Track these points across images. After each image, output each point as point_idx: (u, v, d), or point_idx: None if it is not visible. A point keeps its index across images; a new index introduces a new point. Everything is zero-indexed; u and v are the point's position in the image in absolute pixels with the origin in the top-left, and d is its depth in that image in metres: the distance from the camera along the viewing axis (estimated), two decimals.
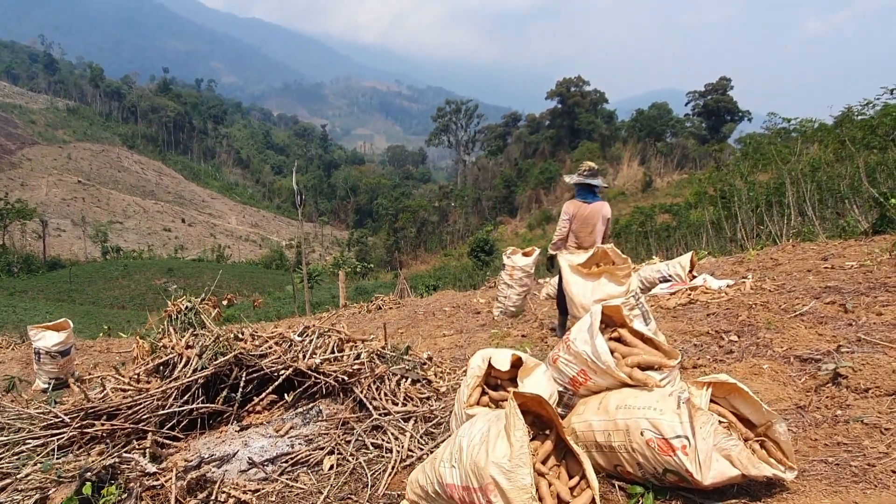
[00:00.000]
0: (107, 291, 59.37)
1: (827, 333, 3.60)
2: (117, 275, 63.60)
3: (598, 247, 2.77)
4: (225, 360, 3.97)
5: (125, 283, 61.91)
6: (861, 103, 11.97)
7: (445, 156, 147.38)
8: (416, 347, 5.45)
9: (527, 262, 6.57)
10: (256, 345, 4.24)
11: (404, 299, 15.07)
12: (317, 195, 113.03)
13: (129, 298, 56.22)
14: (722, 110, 75.40)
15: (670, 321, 4.81)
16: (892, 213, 10.23)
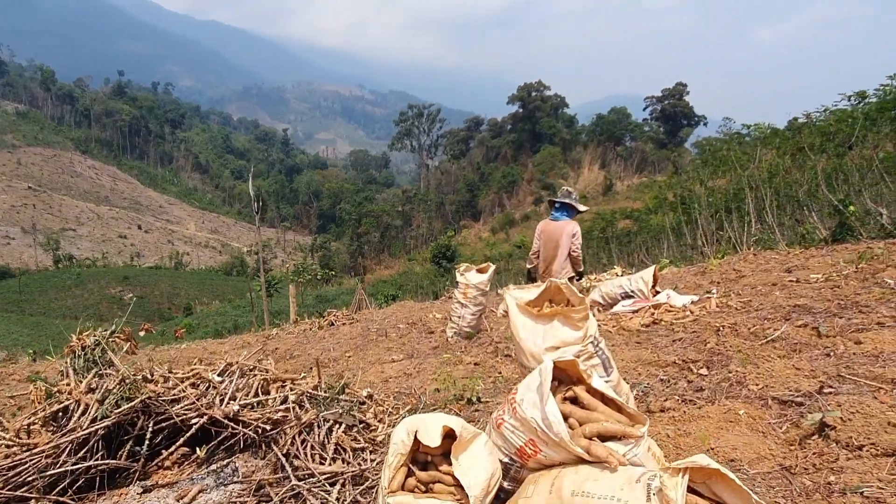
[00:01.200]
0: (59, 301, 57.27)
1: (804, 367, 3.25)
2: (70, 284, 61.41)
3: (550, 281, 2.32)
4: (129, 407, 3.42)
5: (78, 292, 59.84)
6: (819, 110, 11.98)
7: (409, 160, 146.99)
8: (359, 379, 4.96)
9: (481, 280, 6.15)
10: (169, 387, 3.69)
11: (362, 311, 14.53)
12: (279, 200, 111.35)
13: (82, 308, 54.34)
14: (679, 115, 76.88)
15: (633, 348, 4.43)
16: (851, 221, 10.15)
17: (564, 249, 6.47)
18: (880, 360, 3.26)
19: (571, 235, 6.43)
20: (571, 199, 6.70)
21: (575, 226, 6.52)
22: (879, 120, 10.91)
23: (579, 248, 6.44)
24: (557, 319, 2.33)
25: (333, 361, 6.17)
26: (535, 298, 2.52)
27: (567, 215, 6.64)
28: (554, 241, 6.58)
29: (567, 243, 6.44)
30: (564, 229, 6.52)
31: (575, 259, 6.46)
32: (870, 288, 5.25)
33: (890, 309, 4.32)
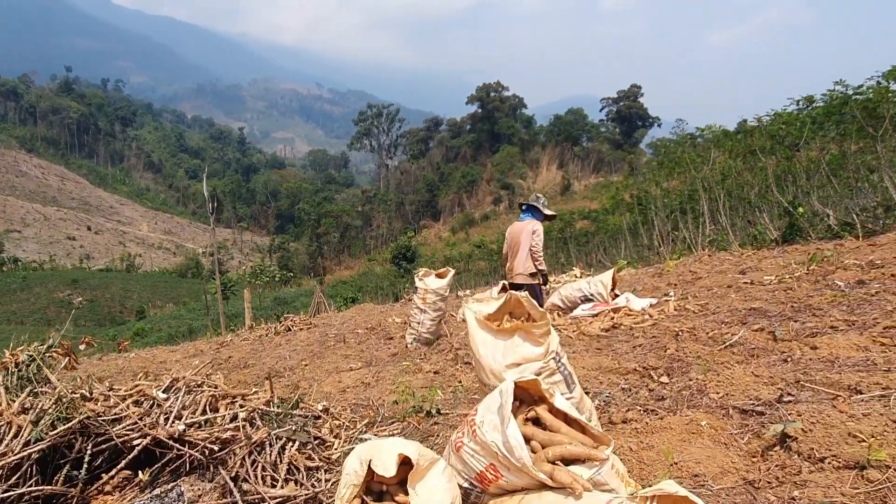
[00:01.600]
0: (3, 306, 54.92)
1: (763, 374, 3.25)
2: (15, 287, 58.94)
3: (510, 293, 2.23)
4: (66, 429, 3.20)
5: (24, 296, 57.51)
6: (769, 113, 12.29)
7: (368, 160, 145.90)
8: (315, 390, 4.81)
9: (440, 285, 6.05)
10: (110, 405, 3.48)
11: (320, 315, 14.28)
12: (235, 200, 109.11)
13: (28, 313, 52.39)
14: (634, 116, 78.32)
15: (594, 355, 4.39)
16: (800, 223, 10.43)
17: (525, 246, 6.50)
18: (836, 365, 3.29)
19: (532, 233, 6.46)
20: (538, 203, 6.75)
21: (537, 224, 6.56)
22: (826, 124, 11.24)
23: (538, 244, 6.45)
24: (518, 335, 2.24)
25: (289, 371, 5.98)
26: (495, 312, 2.43)
27: (532, 216, 6.68)
28: (516, 239, 6.66)
29: (527, 240, 6.47)
30: (525, 228, 6.58)
31: (533, 254, 6.45)
32: (821, 290, 5.34)
33: (842, 312, 4.39)
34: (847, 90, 10.05)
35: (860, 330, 3.87)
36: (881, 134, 9.52)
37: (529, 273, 6.52)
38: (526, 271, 6.51)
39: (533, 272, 6.54)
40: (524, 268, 6.52)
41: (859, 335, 3.73)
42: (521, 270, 6.53)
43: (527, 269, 6.52)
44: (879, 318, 4.03)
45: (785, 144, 12.14)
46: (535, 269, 6.56)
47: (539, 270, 6.55)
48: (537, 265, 6.50)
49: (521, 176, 74.74)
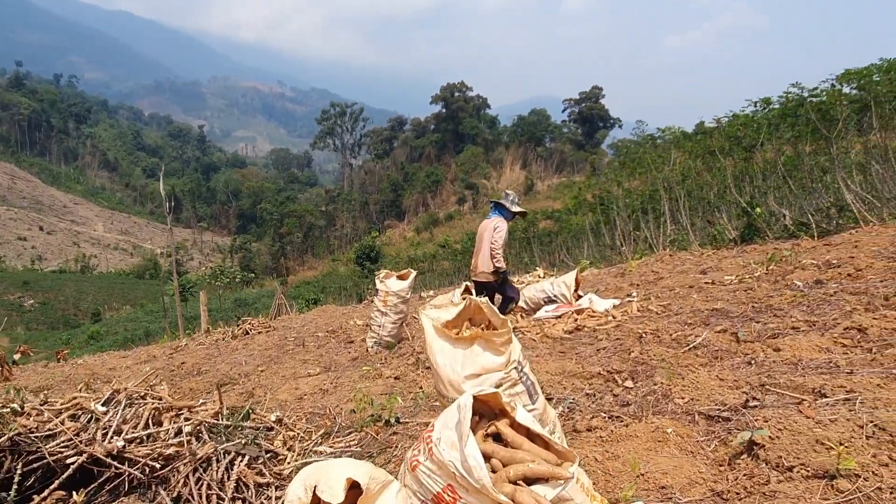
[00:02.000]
0: None
1: (728, 377, 3.20)
2: None
3: (469, 299, 2.09)
4: None
5: None
6: (727, 115, 12.48)
7: (332, 159, 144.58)
8: (270, 398, 4.61)
9: (402, 287, 5.90)
10: (43, 420, 3.23)
11: (281, 317, 13.97)
12: (195, 200, 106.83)
13: None
14: (595, 117, 79.30)
15: (557, 358, 4.31)
16: (758, 223, 10.59)
17: (487, 244, 6.38)
18: (799, 368, 3.26)
19: (493, 229, 6.34)
20: (507, 201, 6.61)
21: (500, 221, 6.43)
22: (781, 125, 11.45)
23: (497, 241, 6.28)
24: (478, 343, 2.12)
25: (244, 377, 5.75)
26: (454, 318, 2.30)
27: (500, 214, 6.58)
28: (480, 236, 6.55)
29: (489, 238, 6.34)
30: (489, 225, 6.47)
31: (490, 251, 6.31)
32: (781, 290, 5.37)
33: (802, 312, 4.40)
34: (803, 92, 10.24)
35: (821, 331, 3.87)
36: (835, 135, 9.72)
37: (491, 272, 6.40)
38: (488, 269, 6.39)
39: (493, 270, 6.41)
40: (486, 266, 6.40)
41: (820, 336, 3.72)
42: (483, 269, 6.42)
43: (489, 267, 6.40)
44: (839, 319, 4.04)
45: (742, 146, 12.34)
46: (487, 271, 6.43)
47: (496, 268, 6.39)
48: (494, 262, 6.35)
49: (485, 176, 74.95)
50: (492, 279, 6.39)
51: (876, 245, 6.60)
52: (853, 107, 9.67)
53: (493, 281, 6.39)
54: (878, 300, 4.32)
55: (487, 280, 6.38)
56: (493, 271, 6.39)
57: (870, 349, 3.42)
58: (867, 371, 3.04)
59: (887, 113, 9.65)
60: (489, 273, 6.39)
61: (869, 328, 3.66)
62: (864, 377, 2.89)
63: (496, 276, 6.40)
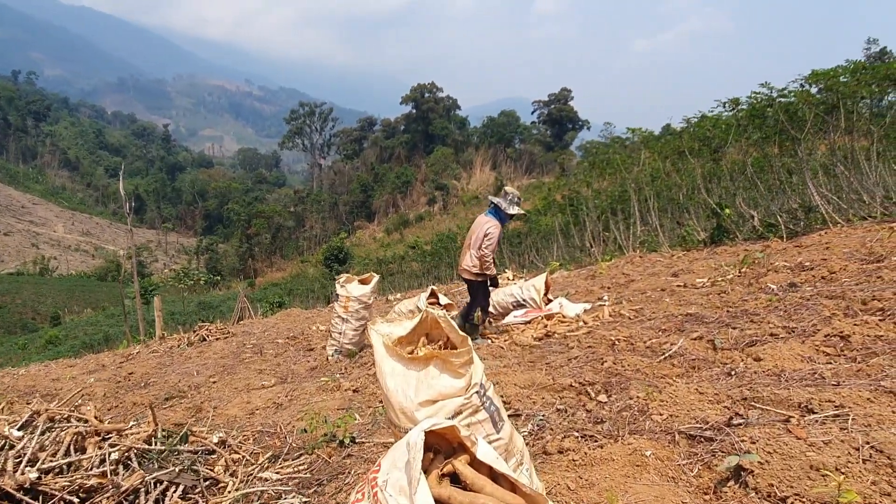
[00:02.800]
0: None
1: (708, 391, 2.98)
2: None
3: (426, 311, 1.81)
4: None
5: None
6: (696, 115, 12.44)
7: (301, 159, 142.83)
8: (218, 413, 4.27)
9: (363, 291, 5.60)
10: None
11: (243, 321, 13.52)
12: (160, 200, 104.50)
13: None
14: (564, 119, 79.75)
15: (526, 369, 4.05)
16: (727, 224, 10.55)
17: (476, 244, 5.92)
18: (782, 379, 3.06)
19: (484, 235, 5.91)
20: (504, 200, 6.15)
21: (492, 224, 5.96)
22: (749, 126, 11.44)
23: (487, 246, 5.84)
24: (434, 364, 1.84)
25: (194, 389, 5.37)
26: (408, 334, 2.02)
27: (495, 215, 6.10)
28: (471, 233, 6.10)
29: (479, 239, 5.90)
30: (482, 225, 6.03)
31: (479, 257, 5.90)
32: (755, 294, 5.22)
33: (780, 318, 4.23)
34: (772, 92, 10.21)
35: (801, 338, 3.69)
36: (803, 136, 9.71)
37: (475, 271, 5.97)
38: (472, 268, 5.95)
39: (478, 272, 5.98)
40: (470, 264, 5.97)
41: (801, 344, 3.54)
42: (466, 266, 5.96)
43: (473, 266, 5.96)
44: (818, 325, 3.87)
45: (711, 147, 12.32)
46: (478, 272, 5.99)
47: (485, 274, 5.99)
48: (483, 269, 5.92)
49: (455, 177, 74.76)
50: (473, 278, 5.96)
51: (847, 247, 6.52)
52: (821, 108, 9.66)
53: (476, 281, 5.98)
54: (856, 304, 4.17)
55: (469, 278, 5.97)
56: (477, 272, 5.96)
57: (854, 358, 3.24)
58: (854, 383, 2.85)
59: (853, 114, 9.67)
60: (472, 272, 5.96)
61: (851, 335, 3.49)
62: (853, 390, 2.70)
63: (480, 277, 5.98)
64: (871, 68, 9.42)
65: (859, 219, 8.99)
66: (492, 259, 5.91)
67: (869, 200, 9.58)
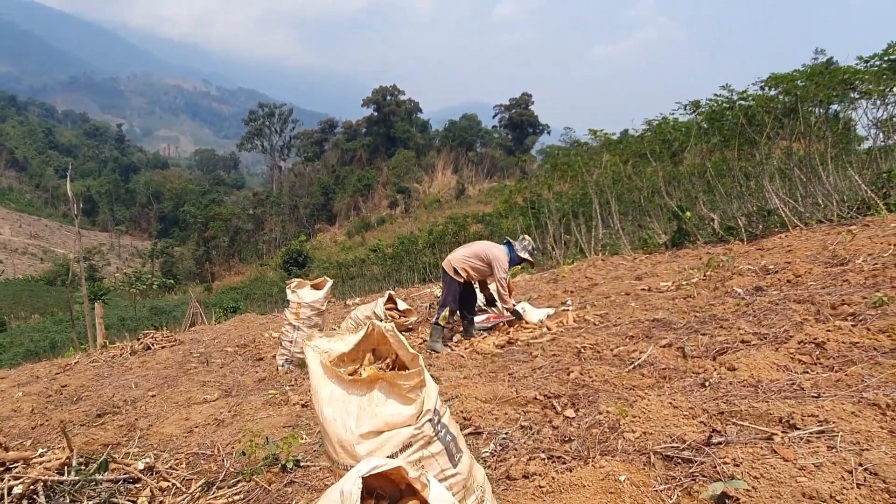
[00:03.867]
0: None
1: (682, 404, 2.77)
2: None
3: (372, 324, 1.52)
4: None
5: None
6: (657, 118, 12.45)
7: (260, 161, 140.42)
8: (153, 433, 3.88)
9: (316, 297, 5.26)
10: None
11: (194, 328, 12.96)
12: (112, 202, 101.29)
13: None
14: (525, 123, 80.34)
15: (488, 380, 3.80)
16: (688, 227, 10.53)
17: (479, 253, 5.57)
18: (760, 391, 2.87)
19: (498, 264, 5.47)
20: (519, 243, 5.74)
21: (504, 258, 5.54)
22: (710, 129, 11.47)
23: (503, 278, 5.42)
24: (379, 388, 1.56)
25: (130, 404, 4.95)
26: (352, 350, 1.73)
27: (508, 250, 5.69)
28: (481, 247, 5.70)
29: (496, 260, 5.49)
30: (495, 248, 5.63)
31: (499, 293, 5.50)
32: (722, 298, 5.08)
33: (750, 323, 4.07)
34: (732, 95, 10.24)
35: (774, 345, 3.53)
36: (762, 140, 9.74)
37: (454, 270, 5.56)
38: (457, 265, 5.58)
39: (457, 271, 5.54)
40: (458, 261, 5.59)
41: (775, 351, 3.37)
42: (456, 266, 5.59)
43: (458, 264, 5.55)
44: (790, 331, 3.72)
45: (671, 150, 12.34)
46: (461, 269, 5.55)
47: (507, 309, 5.59)
48: (503, 304, 5.51)
49: (416, 180, 74.44)
50: (451, 275, 5.53)
51: (809, 249, 6.47)
52: (779, 111, 9.71)
53: (452, 279, 5.55)
54: (826, 309, 4.05)
55: (448, 272, 5.54)
56: (455, 271, 5.54)
57: (831, 367, 3.08)
58: (835, 395, 2.67)
59: (811, 118, 9.75)
60: (452, 270, 5.54)
61: (826, 342, 3.33)
62: (835, 403, 2.52)
63: (458, 276, 5.56)
64: (828, 72, 9.51)
65: (816, 222, 9.04)
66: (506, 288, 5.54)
67: (825, 203, 9.67)
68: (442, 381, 3.77)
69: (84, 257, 58.04)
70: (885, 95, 9.93)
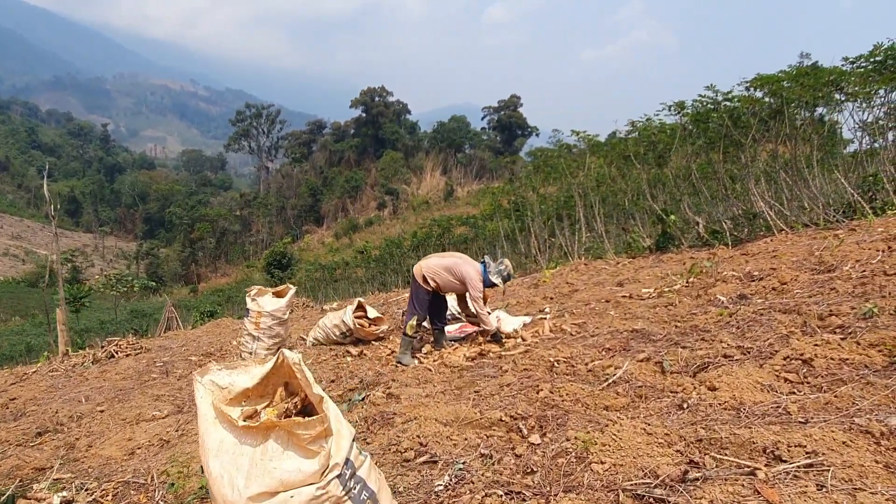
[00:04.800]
0: None
1: (657, 431, 2.51)
2: None
3: (281, 354, 1.23)
4: None
5: None
6: (642, 119, 12.25)
7: (248, 162, 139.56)
8: (91, 455, 3.58)
9: (277, 306, 4.97)
10: None
11: (168, 332, 12.60)
12: (97, 202, 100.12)
13: None
14: (513, 125, 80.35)
15: (452, 398, 3.52)
16: (673, 230, 10.31)
17: (451, 266, 5.23)
18: (742, 415, 2.62)
19: (470, 280, 5.14)
20: (493, 264, 5.30)
21: (477, 273, 5.19)
22: (695, 131, 11.28)
23: (478, 297, 5.10)
24: (275, 437, 1.28)
25: (76, 420, 4.63)
26: (258, 384, 1.45)
27: (483, 270, 5.28)
28: (454, 261, 5.30)
29: (460, 274, 5.18)
30: (469, 266, 5.24)
31: (475, 307, 5.15)
32: (705, 307, 4.85)
33: (733, 335, 3.83)
34: (717, 96, 10.04)
35: (758, 360, 3.28)
36: (747, 142, 9.56)
37: (423, 277, 5.27)
38: (427, 273, 5.26)
39: (426, 279, 5.25)
40: (429, 269, 5.27)
41: (759, 367, 3.13)
42: (425, 265, 5.35)
43: (429, 272, 5.23)
44: (775, 345, 3.48)
45: (657, 152, 12.14)
46: (430, 278, 5.25)
47: (486, 330, 5.23)
48: (482, 322, 5.19)
49: (405, 181, 74.12)
50: (418, 282, 5.22)
51: (794, 255, 6.26)
52: (765, 113, 9.52)
53: (421, 287, 5.29)
54: (812, 320, 3.81)
55: (416, 278, 5.26)
56: (424, 279, 5.24)
57: (819, 386, 2.83)
58: (825, 420, 2.43)
59: (797, 120, 9.58)
60: (420, 278, 5.24)
61: (813, 358, 3.09)
62: (825, 431, 2.27)
63: (426, 284, 5.25)
64: (815, 73, 9.33)
65: (802, 225, 8.86)
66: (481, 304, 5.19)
67: (811, 207, 9.49)
68: (402, 401, 3.50)
69: (67, 259, 57.32)
70: (871, 98, 9.78)
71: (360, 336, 5.78)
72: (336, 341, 5.87)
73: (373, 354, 5.42)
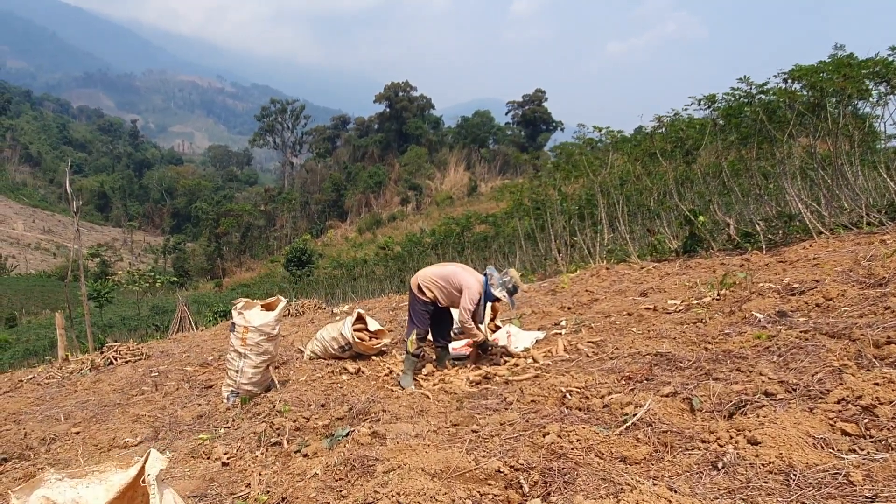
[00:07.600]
0: None
1: (684, 500, 2.02)
2: None
3: (142, 468, 0.76)
4: None
5: None
6: (670, 114, 11.61)
7: (273, 157, 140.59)
8: None
9: (266, 320, 4.55)
10: None
11: (177, 335, 12.36)
12: (126, 197, 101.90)
13: None
14: (538, 120, 79.52)
15: (444, 441, 3.06)
16: (702, 232, 9.70)
17: (449, 278, 4.87)
18: (792, 482, 2.12)
19: (468, 292, 4.78)
20: (496, 276, 4.93)
21: (478, 287, 4.83)
22: (727, 126, 10.63)
23: (467, 307, 4.72)
24: None
25: (47, 444, 4.28)
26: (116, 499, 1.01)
27: (485, 283, 4.92)
28: (454, 270, 4.96)
29: (458, 284, 4.83)
30: (470, 277, 4.88)
31: (463, 321, 4.81)
32: (739, 326, 4.31)
33: (773, 366, 3.31)
34: (751, 88, 9.39)
35: (807, 401, 2.77)
36: (784, 138, 8.91)
37: (419, 288, 4.88)
38: (423, 283, 4.93)
39: (422, 289, 4.84)
40: (425, 279, 4.93)
41: (809, 413, 2.62)
42: (421, 275, 5.02)
43: (425, 282, 4.85)
44: (825, 381, 2.96)
45: (685, 148, 11.50)
46: (427, 288, 4.88)
47: (473, 339, 4.95)
48: (471, 336, 4.89)
49: (428, 177, 73.80)
50: (423, 297, 4.83)
51: (839, 264, 5.67)
52: (804, 106, 8.86)
53: (419, 299, 4.93)
54: (868, 348, 3.27)
55: (413, 290, 4.87)
56: (419, 289, 4.86)
57: (887, 442, 2.31)
58: None
59: (838, 114, 8.89)
60: (417, 288, 4.86)
61: (875, 404, 2.56)
62: None
63: (423, 295, 4.91)
64: (857, 64, 8.64)
65: (842, 228, 8.22)
66: (469, 319, 4.79)
67: (852, 207, 8.84)
68: (387, 442, 3.04)
69: (95, 253, 58.02)
70: None
71: (359, 350, 5.36)
72: (335, 355, 5.46)
73: (371, 372, 4.99)
